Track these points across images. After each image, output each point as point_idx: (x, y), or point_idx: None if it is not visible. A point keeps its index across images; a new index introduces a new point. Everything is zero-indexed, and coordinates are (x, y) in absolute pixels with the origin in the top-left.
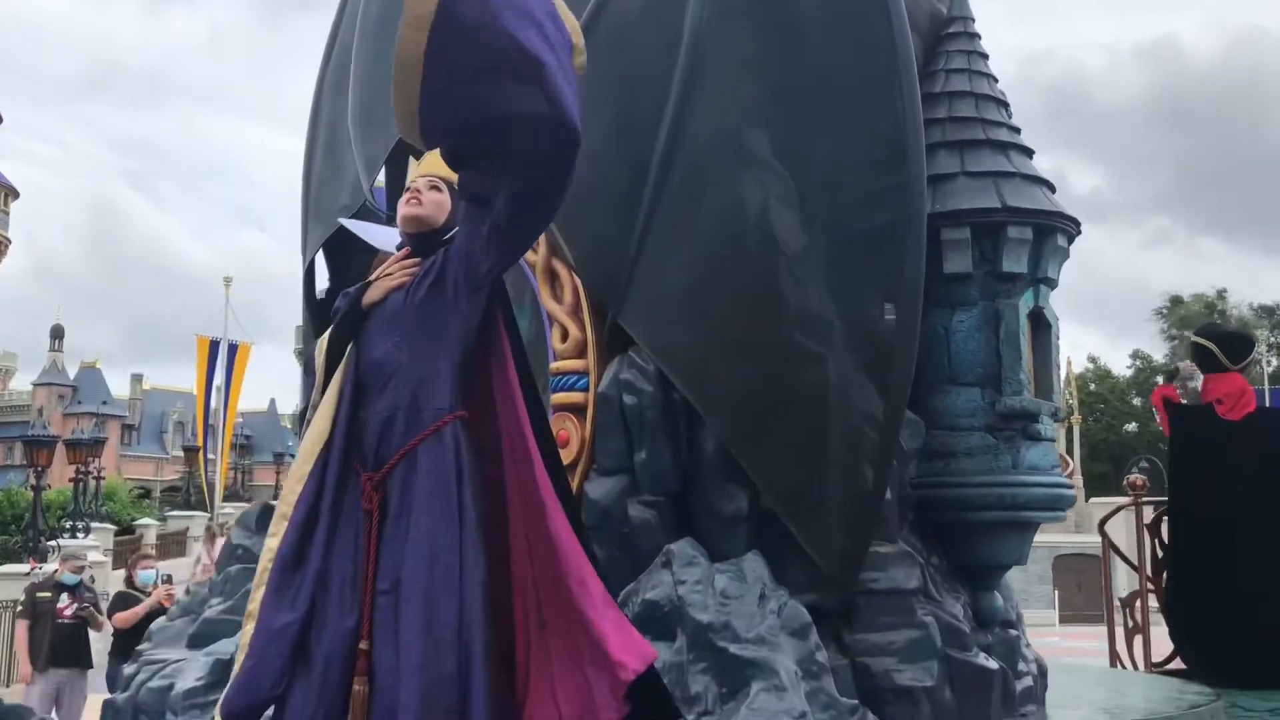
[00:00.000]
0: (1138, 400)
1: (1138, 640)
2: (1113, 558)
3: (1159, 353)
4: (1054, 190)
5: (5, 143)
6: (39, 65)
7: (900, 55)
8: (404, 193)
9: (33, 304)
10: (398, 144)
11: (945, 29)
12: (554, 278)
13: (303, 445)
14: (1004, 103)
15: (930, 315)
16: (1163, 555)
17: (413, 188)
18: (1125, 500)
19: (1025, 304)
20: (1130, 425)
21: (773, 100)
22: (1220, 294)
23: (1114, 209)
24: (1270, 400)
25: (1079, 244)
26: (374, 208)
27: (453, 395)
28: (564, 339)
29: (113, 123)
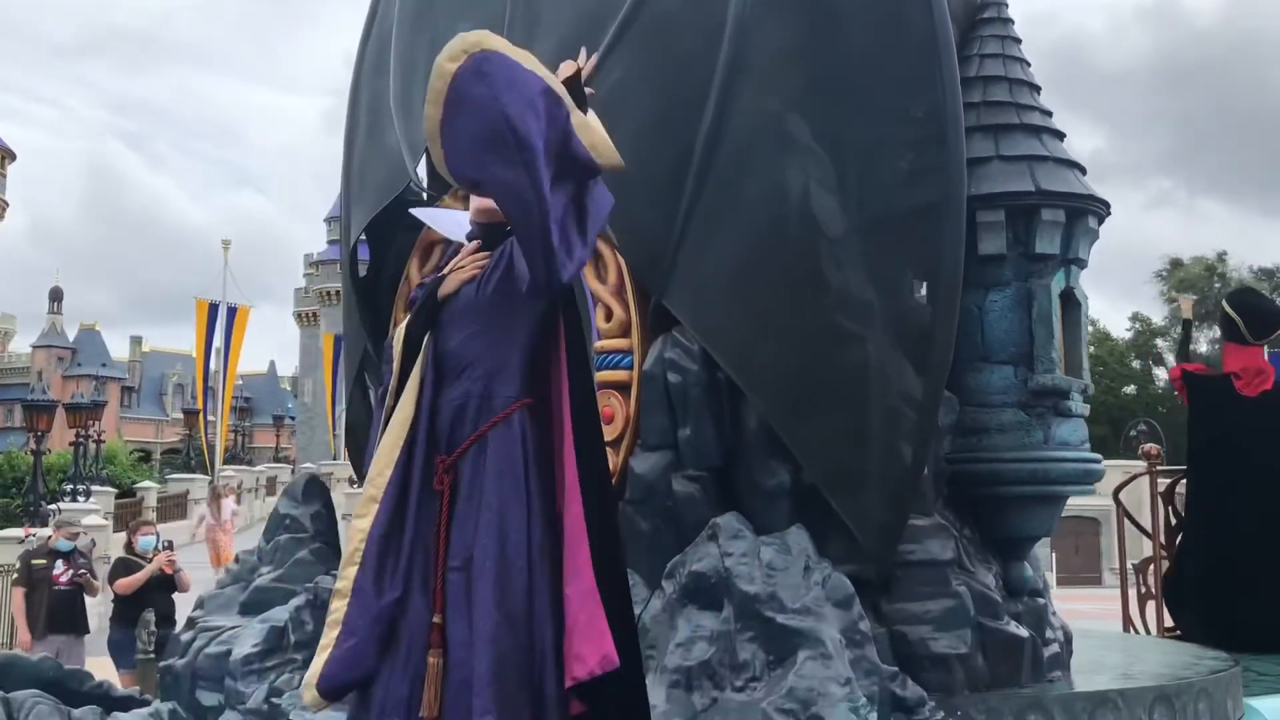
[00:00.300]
0: (1136, 363)
1: (1150, 606)
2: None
3: (1158, 315)
4: (1085, 173)
5: (2, 105)
6: (36, 27)
7: (940, 40)
8: None
9: (31, 266)
10: None
11: (980, 14)
12: (598, 258)
13: (388, 431)
14: (1037, 87)
15: (965, 295)
16: (1175, 523)
17: None
18: (1142, 469)
19: (1057, 284)
20: (1129, 388)
21: (814, 86)
22: (1220, 256)
23: (1115, 171)
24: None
25: None
26: (419, 188)
27: (521, 384)
28: (608, 318)
29: (110, 84)
